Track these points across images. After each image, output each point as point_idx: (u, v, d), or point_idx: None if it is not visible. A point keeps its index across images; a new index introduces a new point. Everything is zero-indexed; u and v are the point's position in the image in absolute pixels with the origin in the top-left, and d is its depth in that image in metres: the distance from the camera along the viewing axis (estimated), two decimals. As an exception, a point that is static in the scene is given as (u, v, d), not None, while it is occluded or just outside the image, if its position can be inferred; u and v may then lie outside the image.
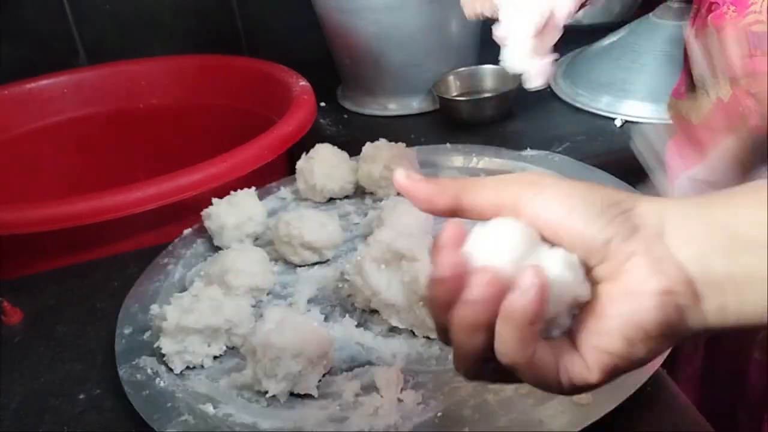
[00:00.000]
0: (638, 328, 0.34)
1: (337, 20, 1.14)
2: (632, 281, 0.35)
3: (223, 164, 0.89)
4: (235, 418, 0.58)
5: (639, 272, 0.34)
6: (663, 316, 0.34)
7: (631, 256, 0.35)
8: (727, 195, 0.36)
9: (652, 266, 0.34)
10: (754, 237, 0.34)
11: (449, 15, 1.11)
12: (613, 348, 0.35)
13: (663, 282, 0.34)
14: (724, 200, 0.36)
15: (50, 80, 1.23)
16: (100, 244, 0.87)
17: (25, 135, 1.21)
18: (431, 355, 0.63)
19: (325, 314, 0.69)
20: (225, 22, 1.40)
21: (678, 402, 0.57)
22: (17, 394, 0.67)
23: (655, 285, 0.34)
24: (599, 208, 0.36)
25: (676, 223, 0.35)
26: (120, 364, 0.65)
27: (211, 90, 1.24)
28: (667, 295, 0.34)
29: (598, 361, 0.35)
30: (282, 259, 0.78)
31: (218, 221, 0.79)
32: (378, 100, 1.19)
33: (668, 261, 0.34)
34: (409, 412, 0.57)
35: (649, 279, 0.34)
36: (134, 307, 0.72)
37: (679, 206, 0.36)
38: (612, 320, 0.35)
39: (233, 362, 0.65)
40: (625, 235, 0.35)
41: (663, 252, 0.35)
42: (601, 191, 0.37)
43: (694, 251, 0.35)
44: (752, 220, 0.34)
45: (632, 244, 0.35)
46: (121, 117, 1.26)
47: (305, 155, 0.87)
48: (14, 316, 0.77)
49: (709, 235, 0.35)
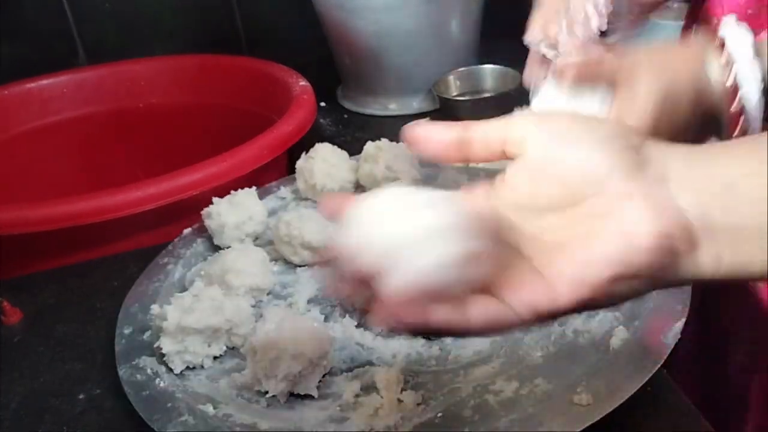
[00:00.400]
0: (629, 266, 0.34)
1: (337, 20, 1.14)
2: (629, 219, 0.34)
3: (223, 164, 0.89)
4: (235, 419, 0.58)
5: (637, 212, 0.34)
6: (657, 259, 0.34)
7: (630, 195, 0.34)
8: (727, 146, 0.37)
9: (652, 208, 0.34)
10: (753, 190, 0.34)
11: (449, 15, 1.11)
12: (597, 281, 0.34)
13: (662, 224, 0.33)
14: (726, 149, 0.36)
15: (50, 80, 1.22)
16: (99, 243, 0.87)
17: (24, 135, 1.20)
18: (431, 356, 0.63)
19: (325, 314, 0.69)
20: (225, 22, 1.40)
21: (678, 402, 0.57)
22: (17, 394, 0.67)
23: (653, 227, 0.33)
24: (606, 138, 0.35)
25: (679, 170, 0.35)
26: (120, 364, 0.64)
27: (211, 90, 1.24)
28: (665, 239, 0.33)
29: (575, 292, 0.34)
30: (282, 259, 0.78)
31: (219, 220, 0.79)
32: (378, 99, 1.19)
33: (668, 205, 0.34)
34: (409, 413, 0.57)
35: (648, 220, 0.34)
36: (134, 306, 0.72)
37: (683, 153, 0.36)
38: (602, 254, 0.34)
39: (233, 362, 0.65)
40: (628, 170, 0.34)
41: (664, 195, 0.34)
42: (611, 125, 0.37)
43: (695, 199, 0.34)
44: (752, 171, 0.34)
45: (633, 183, 0.34)
46: (121, 117, 1.26)
47: (305, 155, 0.87)
48: (14, 315, 0.76)
49: (709, 185, 0.34)
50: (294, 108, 1.01)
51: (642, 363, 0.56)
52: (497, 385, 0.58)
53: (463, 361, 0.61)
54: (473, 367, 0.60)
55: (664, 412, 0.56)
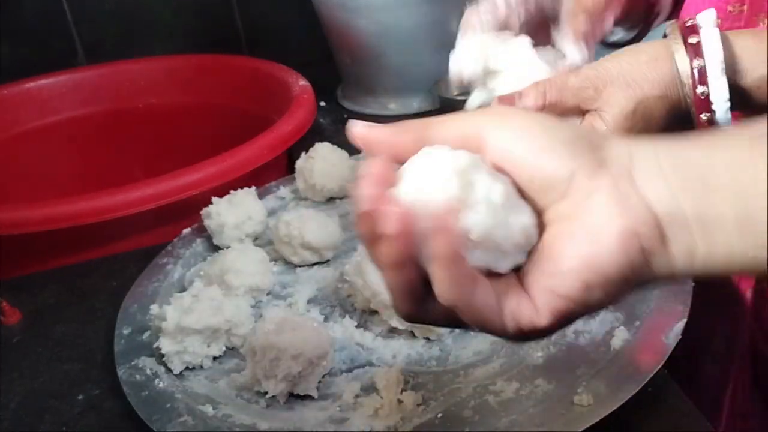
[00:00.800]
0: (597, 271, 0.32)
1: (337, 19, 1.14)
2: (594, 220, 0.33)
3: (222, 164, 0.89)
4: (234, 419, 0.58)
5: (602, 211, 0.33)
6: (625, 259, 0.32)
7: (594, 192, 0.33)
8: (701, 136, 0.35)
9: (617, 205, 0.33)
10: (727, 179, 0.32)
11: (450, 14, 1.11)
12: (569, 292, 0.33)
13: (627, 222, 0.32)
14: (698, 141, 0.35)
15: (49, 80, 1.22)
16: (99, 243, 0.87)
17: (24, 134, 1.20)
18: (431, 356, 0.62)
19: (325, 315, 0.69)
20: (225, 22, 1.40)
21: (679, 402, 0.57)
22: (16, 395, 0.67)
23: (619, 225, 0.32)
24: (566, 141, 0.34)
25: (646, 161, 0.34)
26: (119, 365, 0.64)
27: (210, 90, 1.24)
28: (631, 237, 0.32)
29: (550, 304, 0.33)
30: (281, 260, 0.78)
31: (218, 220, 0.78)
32: (378, 99, 1.19)
33: (635, 200, 0.33)
34: (409, 413, 0.57)
35: (613, 218, 0.32)
36: (133, 307, 0.72)
37: (650, 145, 0.34)
38: (569, 261, 0.33)
39: (233, 363, 0.65)
40: (591, 169, 0.33)
41: (629, 190, 0.33)
42: (571, 127, 0.36)
43: (663, 190, 0.33)
44: (725, 162, 0.33)
45: (597, 181, 0.33)
46: (121, 117, 1.26)
47: (305, 154, 0.87)
48: (13, 316, 0.76)
49: (680, 175, 0.33)
50: (294, 108, 1.01)
51: (643, 364, 0.56)
52: (497, 386, 0.58)
53: (464, 362, 0.61)
54: (473, 368, 0.60)
55: (664, 412, 0.56)
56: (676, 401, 0.57)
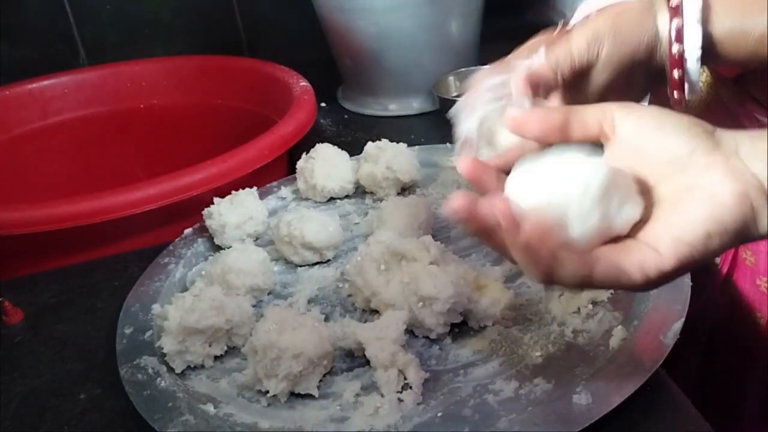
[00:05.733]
0: (718, 221, 0.41)
1: (337, 21, 1.14)
2: (713, 185, 0.41)
3: (223, 164, 0.89)
4: (235, 418, 0.59)
5: (719, 178, 0.41)
6: (740, 214, 0.41)
7: (711, 165, 0.42)
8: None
9: (731, 174, 0.41)
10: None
11: (449, 15, 1.11)
12: (693, 239, 0.41)
13: (740, 186, 0.41)
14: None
15: (51, 80, 1.23)
16: (101, 243, 0.87)
17: (25, 135, 1.21)
18: (431, 355, 0.63)
19: (326, 314, 0.69)
20: (225, 22, 1.40)
21: (678, 402, 0.57)
22: (18, 394, 0.67)
23: (735, 188, 0.41)
24: (685, 126, 0.43)
25: (748, 145, 0.42)
26: (121, 364, 0.65)
27: (211, 90, 1.24)
28: (744, 196, 0.41)
29: (676, 251, 0.41)
30: (282, 259, 0.78)
31: (220, 220, 0.79)
32: (378, 100, 1.19)
33: (744, 170, 0.41)
34: (410, 412, 0.57)
35: (729, 183, 0.41)
36: (135, 306, 0.72)
37: (749, 135, 0.43)
38: (694, 214, 0.41)
39: (234, 362, 0.65)
40: (707, 149, 0.42)
41: (739, 164, 0.42)
42: (686, 116, 0.44)
43: (764, 166, 0.41)
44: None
45: (713, 158, 0.42)
46: (122, 117, 1.26)
47: (305, 155, 0.88)
48: (15, 315, 0.77)
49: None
50: (294, 108, 1.02)
51: (641, 363, 0.56)
52: (497, 385, 0.58)
53: (463, 361, 0.61)
54: (473, 367, 0.61)
55: (663, 412, 0.56)
56: (675, 401, 0.57)
